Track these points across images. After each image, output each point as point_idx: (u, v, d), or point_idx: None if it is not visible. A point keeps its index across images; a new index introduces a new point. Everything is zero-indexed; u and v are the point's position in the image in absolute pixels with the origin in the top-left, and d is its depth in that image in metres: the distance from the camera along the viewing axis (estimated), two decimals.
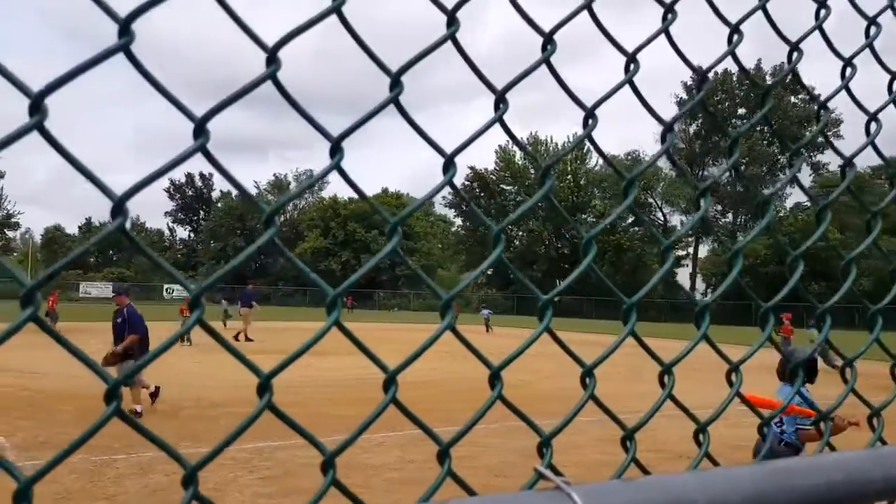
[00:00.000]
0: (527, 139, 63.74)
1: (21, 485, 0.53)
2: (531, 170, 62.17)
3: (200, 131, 0.66)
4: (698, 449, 0.89)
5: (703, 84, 0.90)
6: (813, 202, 1.02)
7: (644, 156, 63.03)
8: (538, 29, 0.85)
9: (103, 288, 54.56)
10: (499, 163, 64.65)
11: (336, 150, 0.74)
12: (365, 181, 0.75)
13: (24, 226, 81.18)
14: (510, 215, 0.87)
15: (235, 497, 6.08)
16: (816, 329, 0.96)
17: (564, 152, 1.18)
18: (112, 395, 0.58)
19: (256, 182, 76.67)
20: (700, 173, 59.55)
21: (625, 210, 0.89)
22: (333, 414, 9.82)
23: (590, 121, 0.86)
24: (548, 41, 0.84)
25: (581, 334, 21.18)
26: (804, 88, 1.03)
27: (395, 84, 0.77)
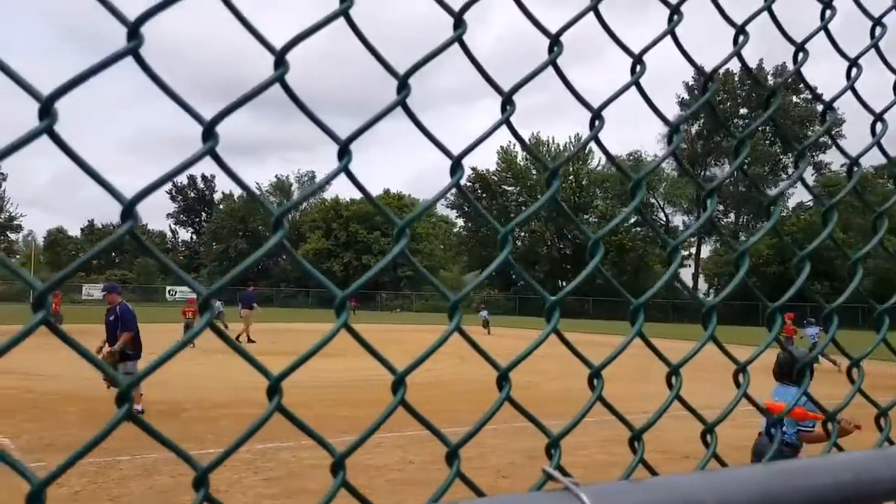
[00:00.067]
0: (529, 140, 63.39)
1: (34, 487, 0.53)
2: (533, 171, 62.03)
3: (209, 134, 0.66)
4: (706, 450, 0.89)
5: (710, 85, 0.90)
6: (819, 202, 1.02)
7: (646, 156, 62.91)
8: (544, 31, 0.85)
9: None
10: (500, 164, 64.58)
11: (344, 153, 0.74)
12: (368, 183, 0.75)
13: (27, 228, 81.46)
14: (517, 217, 0.87)
15: (239, 498, 6.08)
16: (823, 330, 0.95)
17: (572, 154, 1.17)
18: (124, 398, 0.58)
19: (258, 184, 76.71)
20: (702, 173, 59.40)
21: (632, 211, 0.89)
22: (338, 415, 9.82)
23: (596, 122, 0.86)
24: (554, 43, 0.84)
25: (583, 335, 21.17)
26: (810, 89, 1.03)
27: (403, 86, 0.77)
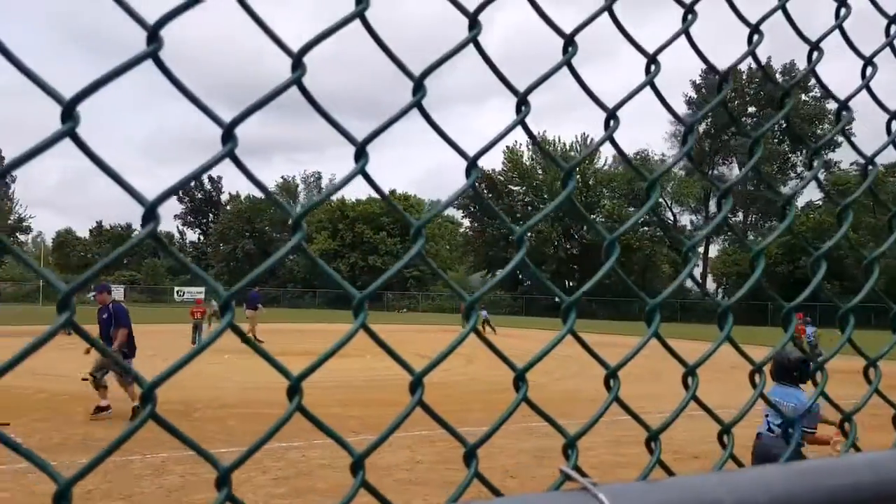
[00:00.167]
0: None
1: (61, 486, 0.54)
2: (539, 171, 61.88)
3: (229, 136, 0.67)
4: (722, 450, 0.89)
5: (724, 85, 0.90)
6: (833, 202, 1.01)
7: (653, 155, 62.65)
8: (559, 31, 0.85)
9: (114, 291, 54.97)
10: (506, 164, 64.49)
11: (361, 155, 0.74)
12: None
13: (36, 229, 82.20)
14: (532, 218, 0.87)
15: (249, 497, 6.11)
16: (839, 329, 0.95)
17: (587, 152, 1.17)
18: (147, 398, 0.59)
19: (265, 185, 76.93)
20: (710, 172, 59.13)
21: (647, 210, 0.89)
22: (348, 415, 9.83)
23: (612, 122, 0.86)
24: (569, 43, 0.84)
25: (592, 335, 21.10)
26: (825, 88, 1.03)
27: (419, 88, 0.77)
